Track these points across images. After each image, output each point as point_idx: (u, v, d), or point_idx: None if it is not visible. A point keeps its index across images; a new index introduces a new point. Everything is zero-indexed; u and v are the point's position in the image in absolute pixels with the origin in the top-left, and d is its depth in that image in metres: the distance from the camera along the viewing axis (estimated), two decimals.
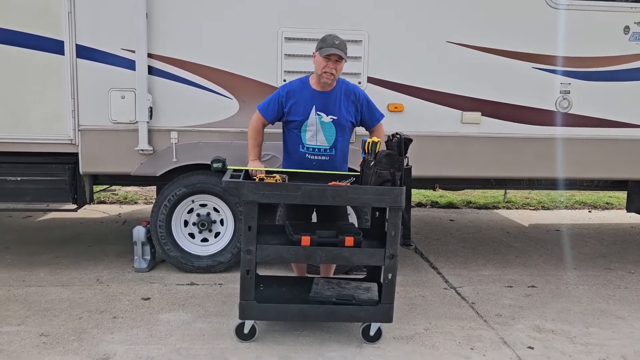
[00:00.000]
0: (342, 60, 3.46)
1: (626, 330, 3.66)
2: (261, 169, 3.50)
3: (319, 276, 3.83)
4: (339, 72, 3.50)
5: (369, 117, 3.68)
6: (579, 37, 4.45)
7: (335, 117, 3.55)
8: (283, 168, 3.68)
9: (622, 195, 7.58)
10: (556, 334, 3.58)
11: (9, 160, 4.33)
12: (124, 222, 6.22)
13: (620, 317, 3.88)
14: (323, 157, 3.58)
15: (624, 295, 4.31)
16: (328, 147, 3.58)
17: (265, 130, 3.74)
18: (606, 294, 4.34)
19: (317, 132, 3.55)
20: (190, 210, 4.51)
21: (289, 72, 4.23)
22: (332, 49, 3.41)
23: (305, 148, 3.58)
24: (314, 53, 3.53)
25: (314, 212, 3.81)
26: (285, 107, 3.57)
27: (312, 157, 3.58)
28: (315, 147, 3.57)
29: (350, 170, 3.83)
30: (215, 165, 3.54)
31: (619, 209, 7.86)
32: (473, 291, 4.32)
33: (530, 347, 3.37)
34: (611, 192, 7.30)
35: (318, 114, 3.53)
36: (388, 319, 3.29)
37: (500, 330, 3.61)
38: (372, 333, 3.32)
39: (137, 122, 4.23)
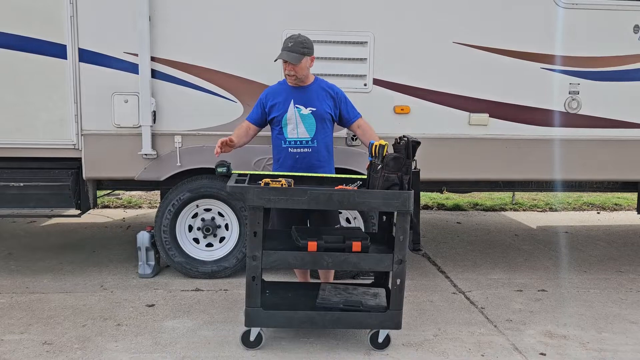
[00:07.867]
0: (299, 62, 3.50)
1: None
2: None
3: (325, 282, 3.77)
4: (300, 71, 3.57)
5: (347, 112, 3.75)
6: (587, 37, 4.38)
7: (314, 109, 3.63)
8: (273, 169, 3.74)
9: (631, 196, 7.51)
10: (568, 339, 3.51)
11: (12, 165, 4.30)
12: (128, 227, 6.18)
13: (634, 321, 3.81)
14: (305, 150, 3.64)
15: (637, 299, 4.24)
16: (309, 139, 3.64)
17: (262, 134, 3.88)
18: (618, 298, 4.26)
19: (297, 125, 3.62)
20: (195, 215, 4.46)
21: None
22: (282, 54, 3.54)
23: (287, 142, 3.66)
24: None
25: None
26: (266, 107, 3.71)
27: (295, 150, 3.64)
28: (297, 139, 3.64)
29: (337, 169, 3.84)
30: (219, 169, 3.54)
31: (628, 209, 7.76)
32: (482, 295, 4.25)
33: (542, 354, 3.30)
34: (620, 193, 7.20)
35: (297, 107, 3.63)
36: (397, 325, 3.24)
37: (511, 336, 3.54)
38: (380, 340, 3.26)
39: (140, 126, 4.19)
